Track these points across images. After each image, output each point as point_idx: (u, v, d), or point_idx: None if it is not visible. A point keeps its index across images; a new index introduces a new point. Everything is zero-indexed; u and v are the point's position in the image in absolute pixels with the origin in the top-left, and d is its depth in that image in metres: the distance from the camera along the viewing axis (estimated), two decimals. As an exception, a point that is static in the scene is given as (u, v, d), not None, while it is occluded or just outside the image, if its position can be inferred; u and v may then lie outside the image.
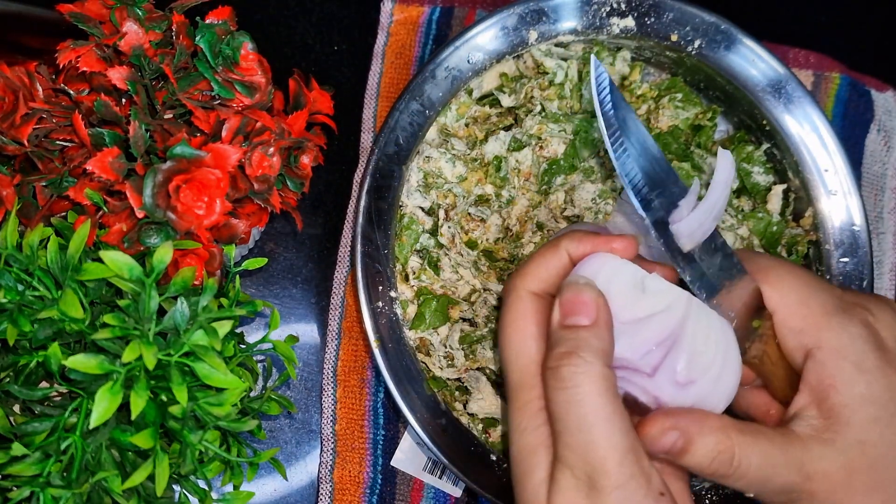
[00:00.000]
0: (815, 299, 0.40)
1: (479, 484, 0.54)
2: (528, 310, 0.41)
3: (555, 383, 0.37)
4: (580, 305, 0.38)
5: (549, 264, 0.42)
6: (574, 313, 0.38)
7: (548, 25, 0.59)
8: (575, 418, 0.36)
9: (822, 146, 0.58)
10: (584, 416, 0.36)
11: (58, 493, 0.41)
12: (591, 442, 0.36)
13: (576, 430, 0.36)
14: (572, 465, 0.36)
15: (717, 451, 0.37)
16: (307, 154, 0.54)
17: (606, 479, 0.35)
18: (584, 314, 0.38)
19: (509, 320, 0.41)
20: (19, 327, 0.42)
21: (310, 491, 0.60)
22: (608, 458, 0.36)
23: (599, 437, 0.36)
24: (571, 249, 0.41)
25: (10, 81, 0.49)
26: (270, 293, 0.63)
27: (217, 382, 0.43)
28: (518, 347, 0.40)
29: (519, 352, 0.40)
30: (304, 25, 0.67)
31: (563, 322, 0.39)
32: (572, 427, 0.36)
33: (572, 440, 0.36)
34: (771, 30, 0.64)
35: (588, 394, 0.36)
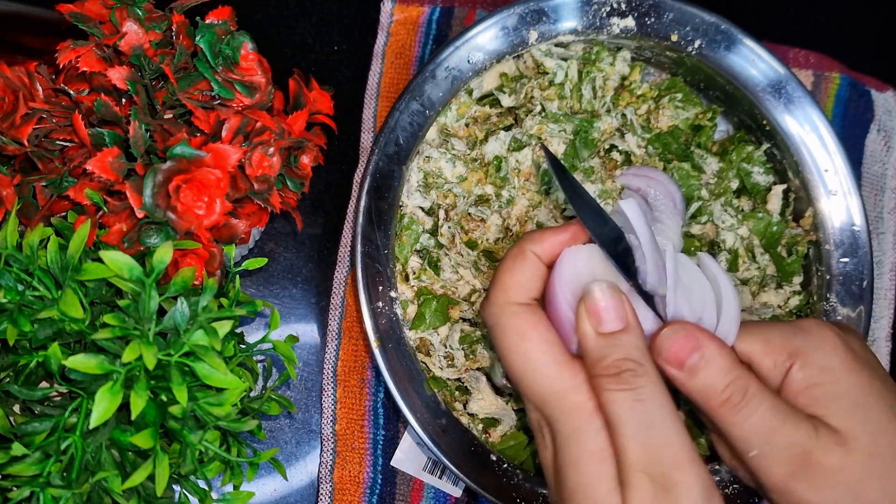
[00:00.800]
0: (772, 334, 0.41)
1: (479, 484, 0.54)
2: (529, 321, 0.39)
3: (616, 386, 0.36)
4: (610, 311, 0.38)
5: (524, 272, 0.41)
6: (607, 320, 0.38)
7: (548, 25, 0.59)
8: (645, 420, 0.36)
9: (822, 146, 0.58)
10: (652, 416, 0.36)
11: (58, 493, 0.41)
12: (665, 440, 0.35)
13: (647, 432, 0.36)
14: (646, 467, 0.35)
15: (735, 375, 0.37)
16: (307, 154, 0.54)
17: (682, 475, 0.35)
18: (617, 318, 0.38)
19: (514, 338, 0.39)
20: (19, 327, 0.42)
21: (310, 491, 0.60)
22: (681, 454, 0.35)
23: (672, 435, 0.36)
24: (538, 251, 0.41)
25: (10, 81, 0.49)
26: (270, 293, 0.63)
27: (217, 382, 0.43)
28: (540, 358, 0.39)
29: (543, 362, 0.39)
30: (304, 25, 0.67)
31: (598, 330, 0.38)
32: (643, 429, 0.36)
33: (644, 442, 0.35)
34: (771, 30, 0.64)
35: (653, 395, 0.36)
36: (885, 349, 0.63)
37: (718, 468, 0.55)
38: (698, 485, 0.35)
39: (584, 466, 0.37)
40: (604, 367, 0.37)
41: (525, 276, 0.40)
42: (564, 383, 0.38)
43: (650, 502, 0.35)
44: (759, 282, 0.59)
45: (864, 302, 0.57)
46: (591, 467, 0.37)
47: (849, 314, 0.57)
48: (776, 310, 0.59)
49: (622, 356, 0.37)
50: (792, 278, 0.59)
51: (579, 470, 0.37)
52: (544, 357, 0.39)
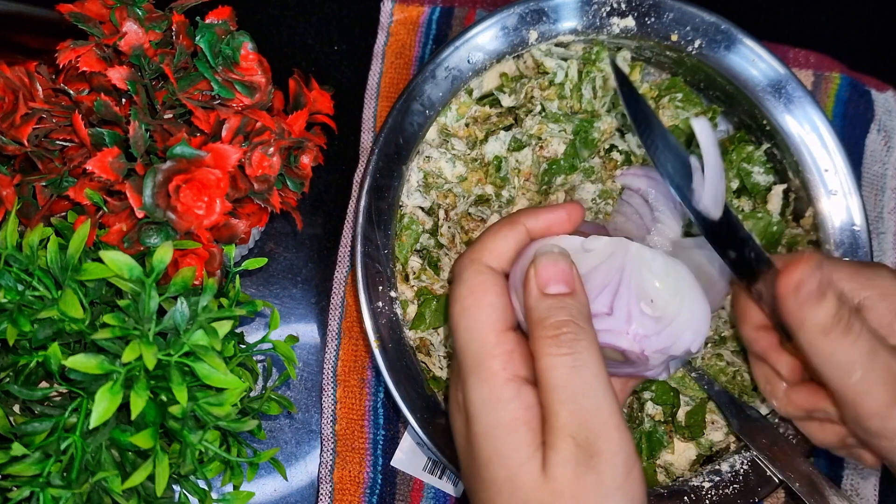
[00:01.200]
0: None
1: (479, 484, 0.54)
2: (486, 281, 0.40)
3: (555, 350, 0.37)
4: (559, 273, 0.38)
5: (508, 240, 0.41)
6: (553, 281, 0.38)
7: (548, 25, 0.59)
8: (580, 385, 0.36)
9: (822, 146, 0.58)
10: (587, 382, 0.36)
11: (58, 493, 0.41)
12: (595, 407, 0.36)
13: (581, 397, 0.36)
14: (573, 431, 0.36)
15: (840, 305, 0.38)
16: (307, 154, 0.54)
17: (608, 443, 0.35)
18: (563, 282, 0.38)
19: (465, 292, 0.40)
20: (19, 327, 0.42)
21: (310, 491, 0.60)
22: (609, 422, 0.36)
23: (602, 402, 0.36)
24: (530, 223, 0.41)
25: (10, 81, 0.49)
26: (270, 293, 0.63)
27: (217, 382, 0.43)
28: (476, 316, 0.39)
29: (478, 321, 0.39)
30: (304, 25, 0.67)
31: (542, 290, 0.38)
32: (577, 394, 0.36)
33: (575, 406, 0.36)
34: (771, 30, 0.64)
35: (590, 361, 0.36)
36: (885, 349, 0.63)
37: (719, 468, 0.55)
38: (623, 451, 0.36)
39: (500, 434, 0.37)
40: (545, 328, 0.37)
41: (507, 244, 0.41)
42: (486, 348, 0.38)
43: (573, 465, 0.35)
44: (759, 282, 0.59)
45: (864, 302, 0.57)
46: (508, 435, 0.37)
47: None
48: (776, 310, 0.59)
49: (565, 317, 0.37)
50: (792, 278, 0.59)
51: (495, 438, 0.37)
52: (480, 316, 0.39)
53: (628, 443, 0.36)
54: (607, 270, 0.40)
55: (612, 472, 0.36)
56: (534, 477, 0.36)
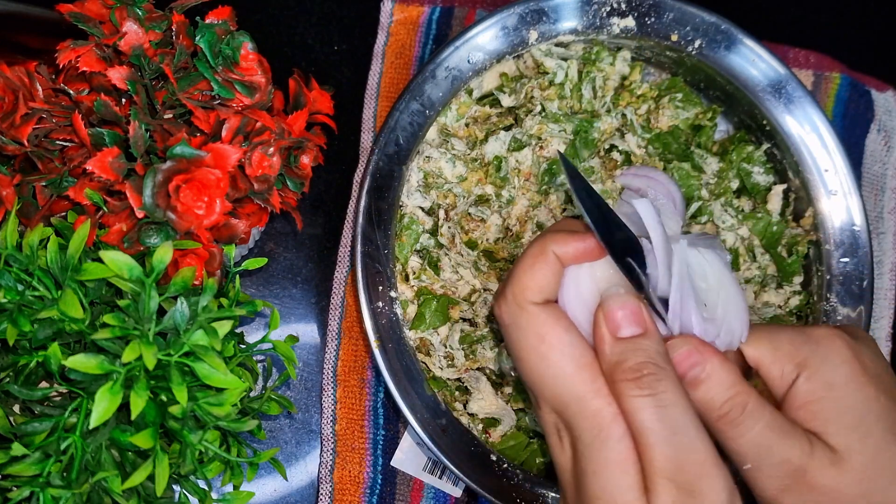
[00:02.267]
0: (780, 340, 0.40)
1: (479, 484, 0.54)
2: (549, 322, 0.38)
3: (639, 392, 0.36)
4: (629, 316, 0.38)
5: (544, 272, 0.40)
6: (625, 324, 0.38)
7: (548, 25, 0.59)
8: (669, 426, 0.35)
9: (823, 146, 0.58)
10: (676, 422, 0.35)
11: (58, 493, 0.41)
12: (690, 446, 0.35)
13: (672, 438, 0.35)
14: (671, 474, 0.35)
15: (735, 391, 0.37)
16: (307, 154, 0.54)
17: (708, 482, 0.35)
18: (635, 323, 0.38)
19: (534, 340, 0.38)
20: (19, 327, 0.42)
21: (310, 491, 0.60)
22: (706, 461, 0.35)
23: (696, 441, 0.35)
24: (560, 252, 0.40)
25: (10, 81, 0.49)
26: (270, 293, 0.63)
27: (217, 382, 0.43)
28: (560, 360, 0.38)
29: (563, 364, 0.38)
30: (304, 25, 0.67)
31: (615, 334, 0.38)
32: (667, 436, 0.35)
33: (669, 449, 0.35)
34: (771, 30, 0.64)
35: (675, 401, 0.36)
36: (885, 349, 0.63)
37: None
38: (723, 490, 0.35)
39: (608, 475, 0.36)
40: (623, 371, 0.36)
41: (545, 277, 0.40)
42: (585, 387, 0.37)
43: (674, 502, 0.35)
44: (759, 282, 0.59)
45: (864, 302, 0.57)
46: (616, 476, 0.36)
47: (849, 314, 0.57)
48: (777, 309, 0.59)
49: (643, 360, 0.36)
50: (792, 278, 0.59)
51: (603, 478, 0.36)
52: (563, 359, 0.38)
53: (729, 481, 0.35)
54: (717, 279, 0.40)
55: None
56: None
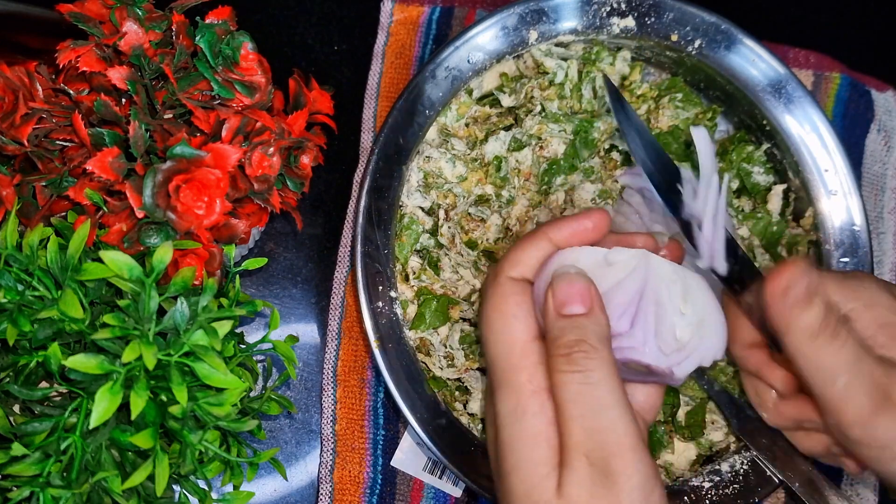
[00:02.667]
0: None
1: (479, 484, 0.54)
2: (508, 293, 0.40)
3: (566, 367, 0.37)
4: (574, 294, 0.39)
5: (531, 251, 0.41)
6: (570, 302, 0.39)
7: (548, 25, 0.59)
8: (591, 402, 0.36)
9: (823, 146, 0.58)
10: (599, 399, 0.36)
11: (58, 493, 0.41)
12: (609, 425, 0.36)
13: (592, 415, 0.36)
14: (587, 450, 0.36)
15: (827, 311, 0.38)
16: (307, 154, 0.54)
17: (623, 462, 0.35)
18: (580, 303, 0.39)
19: (490, 307, 0.40)
20: (19, 327, 0.42)
21: (310, 491, 0.60)
22: (624, 442, 0.35)
23: (617, 420, 0.36)
24: (553, 234, 0.41)
25: (10, 81, 0.49)
26: (270, 293, 0.63)
27: (217, 382, 0.43)
28: (502, 328, 0.40)
29: (504, 333, 0.40)
30: (304, 25, 0.67)
31: (559, 311, 0.39)
32: (588, 412, 0.36)
33: (588, 424, 0.36)
34: (771, 30, 0.64)
35: (602, 378, 0.36)
36: (885, 349, 0.63)
37: (719, 468, 0.55)
38: (639, 473, 0.35)
39: (521, 448, 0.37)
40: (558, 347, 0.38)
41: (529, 254, 0.41)
42: (513, 360, 0.39)
43: (588, 486, 0.35)
44: (759, 282, 0.59)
45: (864, 302, 0.57)
46: (529, 449, 0.37)
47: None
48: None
49: (576, 337, 0.37)
50: (792, 278, 0.59)
51: (517, 451, 0.37)
52: (506, 329, 0.39)
53: (647, 464, 0.36)
54: (629, 287, 0.40)
55: (628, 494, 0.35)
56: (548, 496, 0.36)
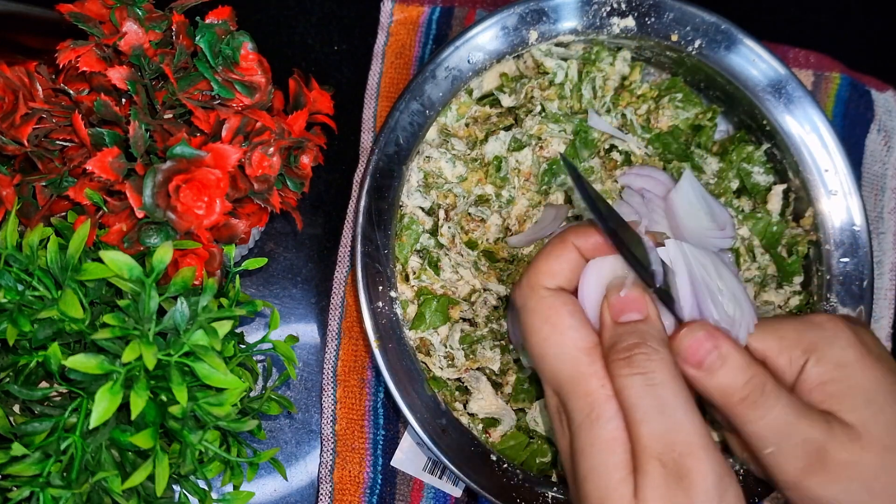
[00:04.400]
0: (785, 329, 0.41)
1: (479, 484, 0.54)
2: (555, 305, 0.40)
3: (628, 370, 0.37)
4: (630, 303, 0.39)
5: (561, 260, 0.41)
6: (626, 311, 0.39)
7: (548, 25, 0.59)
8: (656, 404, 0.36)
9: (823, 146, 0.58)
10: (664, 400, 0.36)
11: (58, 493, 0.41)
12: (676, 426, 0.35)
13: (659, 416, 0.36)
14: (658, 453, 0.35)
15: (752, 373, 0.37)
16: (307, 154, 0.54)
17: (695, 462, 0.35)
18: (635, 310, 0.39)
19: (539, 321, 0.40)
20: (19, 327, 0.42)
21: (310, 491, 0.60)
22: (694, 440, 0.35)
23: (684, 420, 0.36)
24: (580, 243, 0.41)
25: (10, 81, 0.49)
26: (270, 293, 0.63)
27: (217, 382, 0.43)
28: (560, 341, 0.39)
29: (563, 346, 0.39)
30: (304, 25, 0.67)
31: (616, 319, 0.39)
32: (654, 414, 0.36)
33: (656, 427, 0.35)
34: (771, 30, 0.64)
35: (665, 380, 0.36)
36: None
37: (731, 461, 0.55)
38: (712, 472, 0.35)
39: (596, 453, 0.37)
40: (617, 352, 0.37)
41: (560, 265, 0.41)
42: (581, 368, 0.38)
43: (663, 489, 0.35)
44: (759, 282, 0.59)
45: (864, 302, 0.57)
46: (604, 454, 0.37)
47: (849, 314, 0.57)
48: (777, 309, 0.59)
49: (636, 340, 0.37)
50: (792, 278, 0.59)
51: (592, 456, 0.37)
52: (564, 340, 0.39)
53: (719, 462, 0.36)
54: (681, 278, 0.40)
55: (704, 496, 0.35)
56: (626, 501, 0.36)
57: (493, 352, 0.56)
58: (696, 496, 0.35)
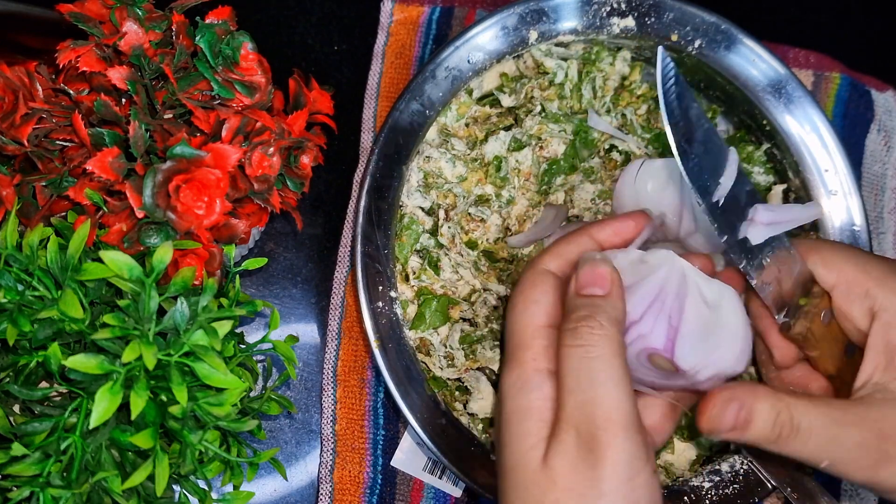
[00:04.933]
0: (872, 266, 0.41)
1: (479, 484, 0.54)
2: (538, 281, 0.42)
3: (571, 341, 0.38)
4: (596, 277, 0.40)
5: (572, 247, 0.43)
6: (590, 284, 0.40)
7: (548, 25, 0.59)
8: (587, 375, 0.37)
9: (823, 146, 0.58)
10: (595, 373, 0.37)
11: (58, 493, 0.41)
12: (599, 398, 0.36)
13: (586, 387, 0.36)
14: (577, 422, 0.36)
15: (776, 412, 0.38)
16: (307, 154, 0.54)
17: (609, 437, 0.36)
18: (599, 285, 0.40)
19: (519, 290, 0.42)
20: (19, 327, 0.42)
21: (310, 491, 0.60)
22: (613, 417, 0.36)
23: (607, 395, 0.36)
24: (596, 232, 0.43)
25: (10, 81, 0.49)
26: (270, 293, 0.63)
27: (217, 382, 0.43)
28: (522, 311, 0.41)
29: (522, 315, 0.41)
30: (304, 25, 0.67)
31: (578, 291, 0.40)
32: (583, 384, 0.37)
33: (581, 397, 0.36)
34: (771, 30, 0.64)
35: (602, 354, 0.37)
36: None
37: (719, 468, 0.55)
38: (626, 451, 0.36)
39: (515, 421, 0.38)
40: (567, 321, 0.39)
41: (569, 248, 0.43)
42: (525, 340, 0.40)
43: (571, 458, 0.36)
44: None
45: (864, 302, 0.57)
46: (523, 422, 0.38)
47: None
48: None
49: (586, 313, 0.38)
50: (792, 278, 0.59)
51: (512, 424, 0.38)
52: (525, 313, 0.41)
53: (635, 444, 0.36)
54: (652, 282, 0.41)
55: (612, 472, 0.35)
56: (534, 465, 0.37)
57: (493, 352, 0.56)
58: (602, 469, 0.35)
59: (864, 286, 0.41)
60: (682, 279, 0.41)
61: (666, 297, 0.41)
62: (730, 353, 0.41)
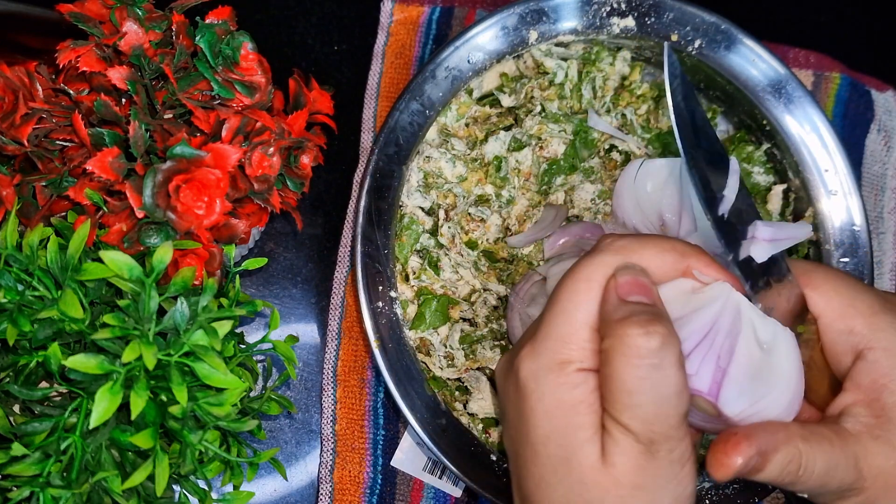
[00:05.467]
0: (860, 300, 0.39)
1: (479, 484, 0.54)
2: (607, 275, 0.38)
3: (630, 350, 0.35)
4: (639, 287, 0.37)
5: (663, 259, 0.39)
6: (635, 293, 0.37)
7: (548, 25, 0.59)
8: (651, 388, 0.35)
9: (823, 146, 0.58)
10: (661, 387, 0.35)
11: (58, 493, 0.41)
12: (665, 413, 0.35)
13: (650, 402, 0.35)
14: (637, 431, 0.35)
15: (788, 461, 0.37)
16: (307, 154, 0.54)
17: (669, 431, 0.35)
18: (644, 295, 0.37)
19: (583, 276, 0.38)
20: (19, 327, 0.42)
21: (310, 491, 0.60)
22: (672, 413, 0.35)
23: (672, 410, 0.35)
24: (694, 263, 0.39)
25: (10, 81, 0.49)
26: (270, 293, 0.63)
27: (217, 382, 0.43)
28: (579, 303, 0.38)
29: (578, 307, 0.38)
30: (304, 25, 0.67)
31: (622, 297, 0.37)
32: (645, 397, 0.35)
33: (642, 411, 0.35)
34: (771, 30, 0.64)
35: (670, 367, 0.35)
36: (885, 349, 0.63)
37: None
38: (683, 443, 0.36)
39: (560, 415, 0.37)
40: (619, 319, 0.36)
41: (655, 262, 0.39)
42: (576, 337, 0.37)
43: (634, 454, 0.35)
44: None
45: (864, 302, 0.57)
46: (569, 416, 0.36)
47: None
48: (776, 310, 0.59)
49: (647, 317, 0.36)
50: (792, 278, 0.59)
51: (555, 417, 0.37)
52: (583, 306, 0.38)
53: (688, 435, 0.36)
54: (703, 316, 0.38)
55: (668, 463, 0.35)
56: (592, 461, 0.36)
57: (493, 352, 0.56)
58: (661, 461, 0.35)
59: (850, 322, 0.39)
60: (737, 316, 0.38)
61: (717, 334, 0.38)
62: (779, 402, 0.38)
